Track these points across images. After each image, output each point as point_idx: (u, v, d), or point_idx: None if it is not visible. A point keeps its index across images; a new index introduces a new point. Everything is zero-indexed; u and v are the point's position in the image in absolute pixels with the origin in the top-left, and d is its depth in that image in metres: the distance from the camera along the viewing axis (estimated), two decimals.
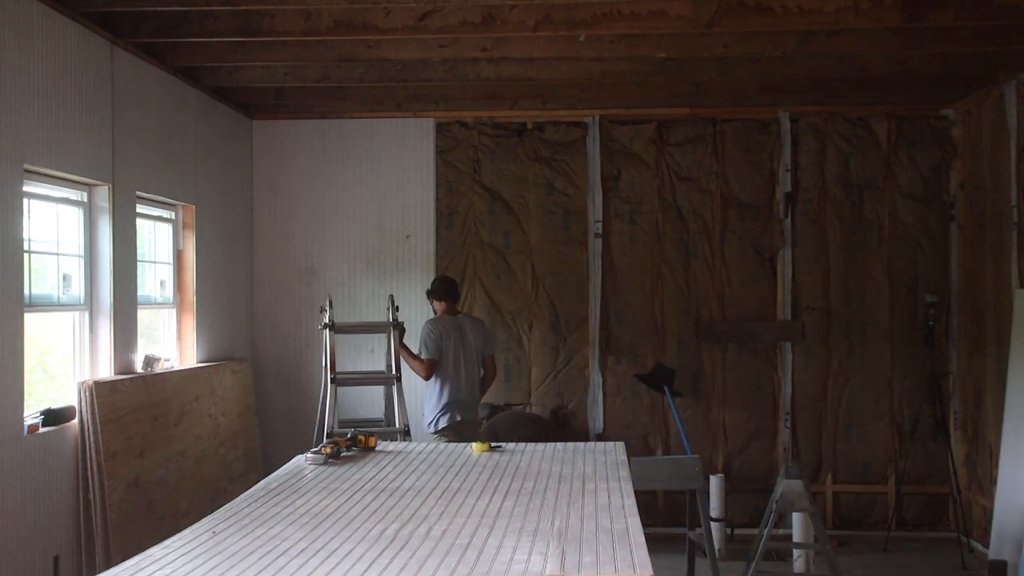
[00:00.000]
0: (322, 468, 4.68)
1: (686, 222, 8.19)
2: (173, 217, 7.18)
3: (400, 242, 8.34)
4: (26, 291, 5.10)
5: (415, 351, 6.78)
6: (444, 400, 6.65)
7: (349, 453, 5.06)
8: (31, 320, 5.24)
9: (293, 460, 4.96)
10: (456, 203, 8.31)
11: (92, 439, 5.56)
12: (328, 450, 4.86)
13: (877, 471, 8.04)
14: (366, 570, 2.88)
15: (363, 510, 3.70)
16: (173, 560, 3.02)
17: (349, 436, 5.23)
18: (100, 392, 5.61)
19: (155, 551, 3.13)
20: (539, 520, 3.47)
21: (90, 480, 5.58)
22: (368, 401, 7.89)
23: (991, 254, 7.32)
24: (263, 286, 8.45)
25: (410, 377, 7.01)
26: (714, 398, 8.15)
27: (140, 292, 6.44)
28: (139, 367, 6.34)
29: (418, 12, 5.78)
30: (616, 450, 5.10)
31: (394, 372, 6.83)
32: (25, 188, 5.11)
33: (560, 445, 5.26)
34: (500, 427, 7.59)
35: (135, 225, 6.34)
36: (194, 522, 3.59)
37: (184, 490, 6.55)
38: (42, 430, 5.28)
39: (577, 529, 3.30)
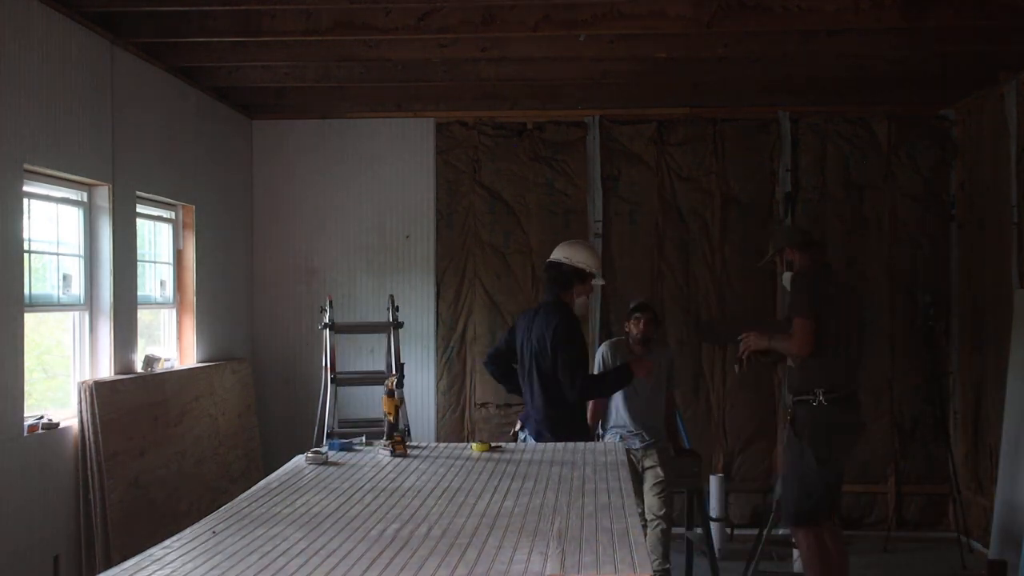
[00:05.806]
0: (322, 468, 4.68)
1: (686, 222, 8.18)
2: (173, 217, 7.18)
3: (400, 242, 8.33)
4: (26, 291, 5.10)
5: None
6: None
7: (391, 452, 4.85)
8: (31, 320, 5.24)
9: (293, 460, 4.95)
10: (456, 203, 8.31)
11: (92, 439, 5.56)
12: (398, 447, 4.70)
13: (877, 471, 8.03)
14: (366, 570, 2.88)
15: (363, 510, 3.70)
16: (173, 560, 3.01)
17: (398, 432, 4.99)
18: (100, 392, 5.61)
19: (155, 551, 3.12)
20: (539, 520, 3.47)
21: (90, 480, 5.58)
22: (368, 401, 7.89)
23: (991, 254, 7.31)
24: (263, 286, 8.45)
25: (410, 377, 6.94)
26: (714, 398, 8.14)
27: (140, 292, 6.44)
28: (139, 367, 6.34)
29: (418, 12, 5.77)
30: (616, 450, 5.09)
31: (394, 372, 6.82)
32: (25, 188, 5.12)
33: (560, 445, 5.25)
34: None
35: (135, 225, 6.34)
36: (194, 522, 3.59)
37: (184, 490, 6.55)
38: (42, 430, 5.28)
39: (577, 529, 3.29)
